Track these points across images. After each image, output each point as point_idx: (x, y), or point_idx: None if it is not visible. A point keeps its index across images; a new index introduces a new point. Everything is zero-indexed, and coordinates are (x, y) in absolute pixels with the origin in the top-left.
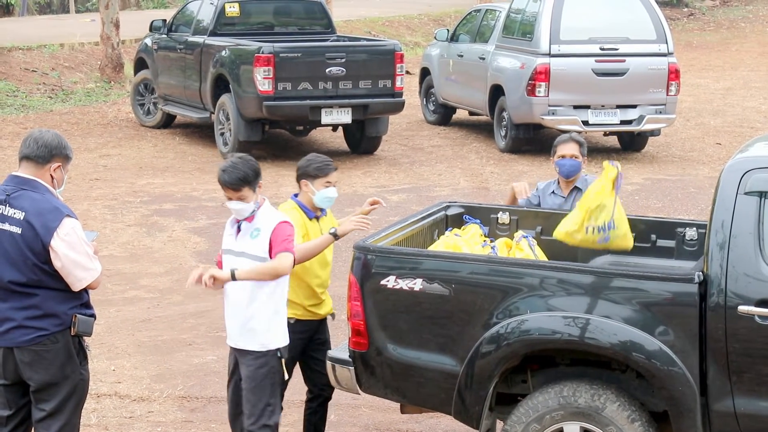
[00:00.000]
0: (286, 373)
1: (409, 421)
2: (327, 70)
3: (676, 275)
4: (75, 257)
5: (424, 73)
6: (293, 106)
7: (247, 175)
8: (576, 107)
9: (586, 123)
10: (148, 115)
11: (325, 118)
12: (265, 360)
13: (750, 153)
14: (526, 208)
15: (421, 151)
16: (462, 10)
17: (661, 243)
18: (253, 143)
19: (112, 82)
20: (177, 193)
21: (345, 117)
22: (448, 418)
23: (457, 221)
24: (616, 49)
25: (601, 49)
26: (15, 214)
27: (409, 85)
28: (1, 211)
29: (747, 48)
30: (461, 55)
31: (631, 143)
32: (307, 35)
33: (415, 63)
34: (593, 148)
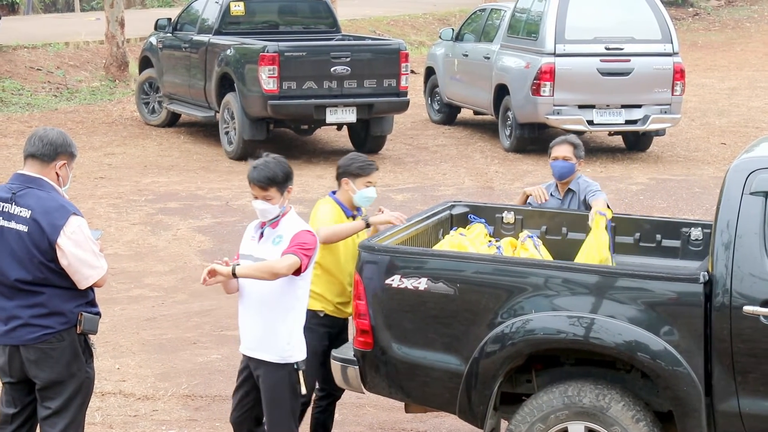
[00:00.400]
0: (304, 387)
1: (414, 421)
2: (332, 69)
3: (681, 275)
4: (81, 255)
5: (429, 72)
6: (298, 105)
7: (276, 175)
8: (581, 107)
9: (590, 123)
10: (152, 114)
11: (329, 117)
12: (285, 372)
13: (755, 153)
14: (531, 208)
15: (425, 151)
16: (467, 9)
17: (666, 243)
18: (257, 142)
19: (117, 81)
20: (182, 191)
21: (350, 116)
22: (452, 418)
23: (462, 221)
24: (621, 49)
25: (606, 48)
26: (21, 212)
27: (413, 85)
28: (7, 210)
29: (752, 48)
30: (466, 55)
31: (635, 143)
32: (312, 34)
33: (420, 62)
34: (598, 147)
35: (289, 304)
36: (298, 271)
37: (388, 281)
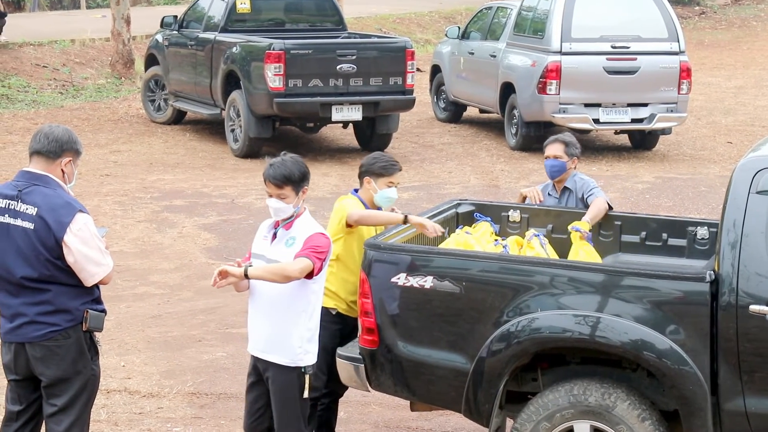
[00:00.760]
0: (307, 391)
1: (419, 419)
2: (338, 67)
3: (688, 274)
4: (88, 252)
5: (435, 70)
6: (304, 102)
7: (292, 173)
8: (587, 105)
9: (596, 121)
10: (158, 112)
11: (335, 115)
12: (294, 375)
13: (762, 152)
14: (537, 206)
15: (431, 149)
16: (473, 7)
17: (672, 242)
18: (263, 140)
19: (123, 78)
20: (187, 189)
21: (355, 114)
22: (457, 416)
23: (467, 219)
24: (628, 48)
25: (612, 47)
26: (27, 209)
27: (419, 83)
28: (13, 207)
29: (759, 46)
30: (472, 53)
31: (642, 142)
32: (318, 32)
33: (426, 60)
34: (604, 146)
35: (301, 306)
36: (310, 275)
37: (393, 279)
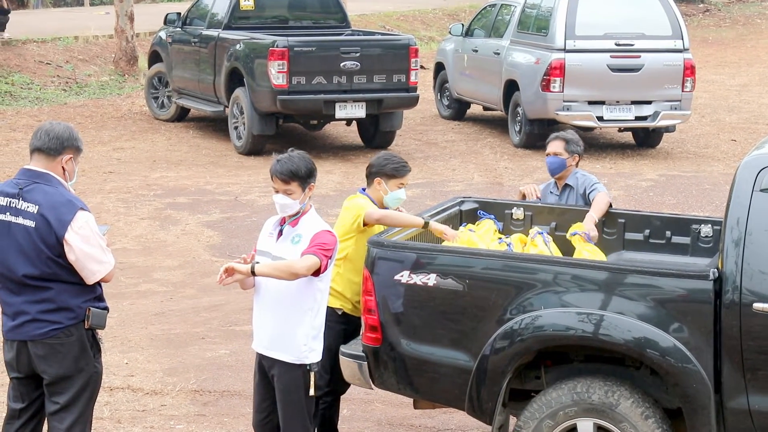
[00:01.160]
0: (313, 389)
1: (422, 417)
2: (341, 65)
3: (691, 272)
4: (89, 250)
5: (439, 67)
6: (307, 100)
7: (299, 169)
8: (591, 103)
9: (600, 119)
10: (162, 109)
11: (339, 113)
12: (299, 372)
13: (766, 150)
14: (540, 204)
15: (435, 146)
16: (477, 4)
17: (676, 239)
18: (266, 137)
19: (126, 75)
20: (190, 186)
21: (359, 111)
22: (461, 414)
23: (471, 216)
24: (632, 45)
25: (616, 44)
26: (29, 207)
27: (423, 80)
28: (14, 205)
29: (763, 44)
30: (476, 50)
31: (645, 139)
32: (322, 29)
33: (430, 58)
34: (607, 144)
35: (306, 304)
36: (317, 272)
37: (397, 277)
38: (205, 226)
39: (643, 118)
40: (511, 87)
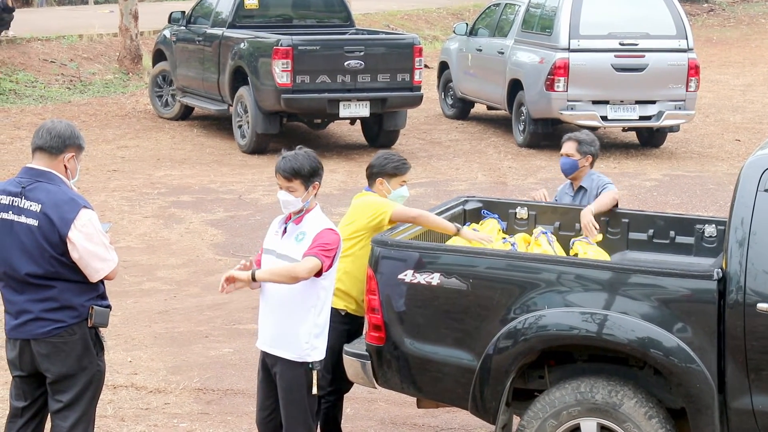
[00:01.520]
0: (316, 388)
1: (426, 416)
2: (345, 64)
3: (695, 272)
4: (92, 248)
5: (443, 67)
6: (311, 99)
7: (302, 167)
8: (595, 102)
9: (604, 118)
10: (166, 107)
11: (343, 112)
12: (301, 370)
13: None
14: (544, 204)
15: (439, 145)
16: (481, 4)
17: (680, 239)
18: (270, 136)
19: (131, 74)
20: (194, 185)
21: (363, 110)
22: (464, 413)
23: (475, 216)
24: (636, 45)
25: (620, 44)
26: (31, 206)
27: (427, 79)
28: (17, 204)
29: (767, 44)
30: (480, 50)
31: (649, 139)
32: (326, 28)
33: (434, 57)
34: (611, 143)
35: (309, 303)
36: (319, 272)
37: (401, 276)
38: (209, 224)
39: (647, 118)
40: (515, 86)
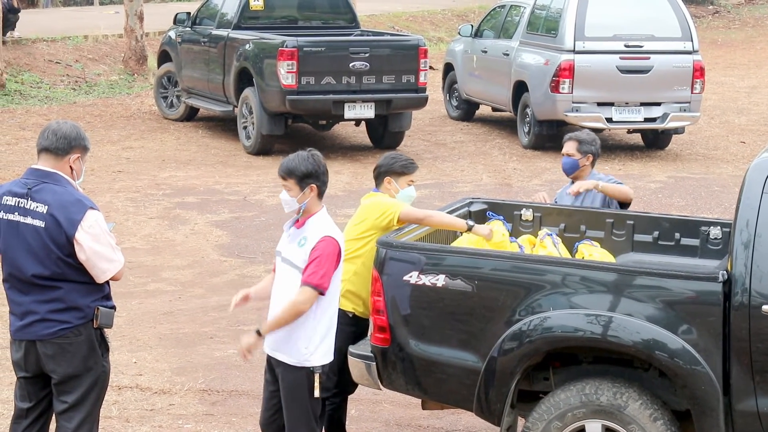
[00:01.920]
0: (318, 391)
1: (430, 417)
2: (350, 65)
3: (700, 274)
4: (99, 249)
5: (448, 68)
6: (316, 100)
7: (296, 167)
8: (600, 104)
9: (609, 120)
10: (171, 108)
11: (348, 113)
12: (302, 374)
13: None
14: (549, 206)
15: (443, 147)
16: (486, 5)
17: (685, 241)
18: (275, 137)
19: (136, 75)
20: (199, 186)
21: (368, 112)
22: (469, 415)
23: (480, 217)
24: (641, 47)
25: (625, 46)
26: (38, 207)
27: (432, 81)
28: (23, 205)
29: None
30: (485, 51)
31: (654, 141)
32: (331, 29)
33: (439, 58)
34: (616, 145)
35: (312, 306)
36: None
37: (406, 278)
38: (214, 225)
39: (653, 120)
40: (520, 88)
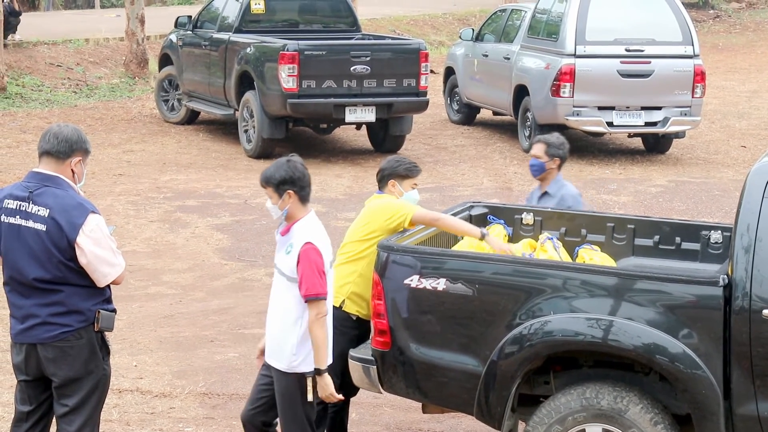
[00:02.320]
0: (311, 394)
1: (431, 421)
2: (351, 69)
3: (701, 278)
4: (100, 253)
5: (449, 72)
6: (317, 104)
7: (272, 176)
8: (600, 108)
9: (610, 124)
10: (172, 111)
11: (349, 117)
12: (293, 380)
13: None
14: (550, 209)
15: (444, 151)
16: (487, 9)
17: (685, 246)
18: (276, 141)
19: (137, 78)
20: (200, 189)
21: (369, 115)
22: (469, 419)
23: (481, 221)
24: (642, 51)
25: (626, 50)
26: (39, 211)
27: (433, 85)
28: (24, 208)
29: None
30: (486, 55)
31: (655, 145)
32: (332, 33)
33: (440, 62)
34: (617, 149)
35: (296, 315)
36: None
37: (406, 281)
38: (215, 229)
39: (653, 124)
40: (521, 92)
